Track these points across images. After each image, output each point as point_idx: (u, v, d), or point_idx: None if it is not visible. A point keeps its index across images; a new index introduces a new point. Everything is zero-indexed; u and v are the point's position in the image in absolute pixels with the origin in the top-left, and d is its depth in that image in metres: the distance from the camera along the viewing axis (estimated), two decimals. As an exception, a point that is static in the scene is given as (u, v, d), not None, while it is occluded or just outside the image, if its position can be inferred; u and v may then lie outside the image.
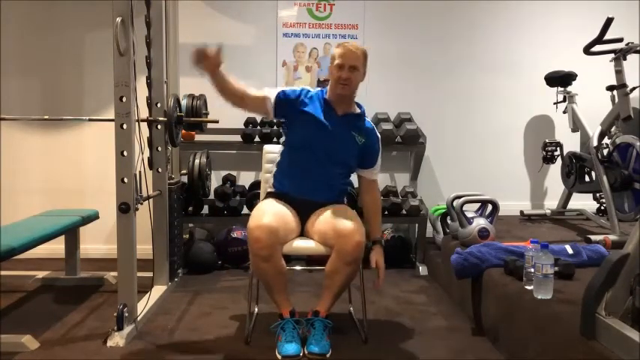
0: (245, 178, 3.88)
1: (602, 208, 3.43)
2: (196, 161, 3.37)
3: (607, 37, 3.01)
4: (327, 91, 2.48)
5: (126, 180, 2.33)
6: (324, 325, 2.25)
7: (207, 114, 3.27)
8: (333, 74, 2.41)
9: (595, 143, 3.20)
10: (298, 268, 3.14)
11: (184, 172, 3.41)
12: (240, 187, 3.70)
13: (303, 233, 2.44)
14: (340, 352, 2.24)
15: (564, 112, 3.72)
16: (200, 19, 3.78)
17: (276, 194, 2.48)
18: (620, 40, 3.06)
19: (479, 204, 2.98)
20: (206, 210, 3.64)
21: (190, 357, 2.23)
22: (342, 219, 2.29)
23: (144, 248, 2.68)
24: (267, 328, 2.35)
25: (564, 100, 3.71)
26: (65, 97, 3.76)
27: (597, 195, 3.55)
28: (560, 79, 3.72)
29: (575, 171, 3.49)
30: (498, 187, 3.63)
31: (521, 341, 2.07)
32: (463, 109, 4.04)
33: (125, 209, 2.32)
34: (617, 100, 3.15)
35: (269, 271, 2.23)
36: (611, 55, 3.12)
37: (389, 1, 3.95)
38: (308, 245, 2.37)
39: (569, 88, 3.71)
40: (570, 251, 2.49)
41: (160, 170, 2.95)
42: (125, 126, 2.32)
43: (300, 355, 2.16)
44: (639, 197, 2.94)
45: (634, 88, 3.11)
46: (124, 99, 2.30)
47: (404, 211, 3.60)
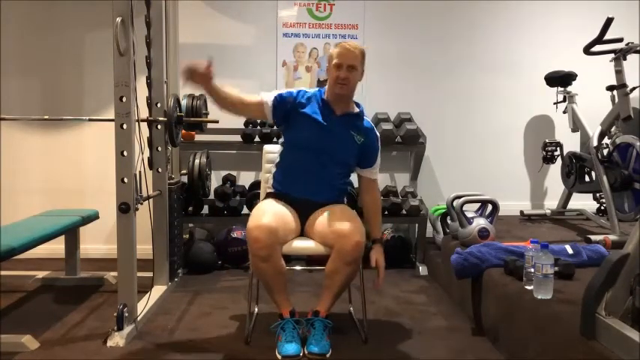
0: (245, 178, 3.88)
1: (602, 208, 3.43)
2: (196, 161, 3.37)
3: (607, 37, 3.01)
4: (325, 91, 2.48)
5: (126, 180, 2.33)
6: (324, 325, 2.25)
7: (207, 114, 3.26)
8: (331, 74, 2.41)
9: (595, 143, 3.20)
10: (298, 268, 3.13)
11: (184, 172, 3.40)
12: (240, 187, 3.70)
13: (302, 233, 2.44)
14: (340, 352, 2.24)
15: (564, 112, 3.72)
16: (200, 19, 3.79)
17: (275, 194, 2.47)
18: (620, 40, 3.06)
19: (479, 204, 2.98)
20: (206, 210, 3.65)
21: (190, 357, 2.23)
22: (342, 219, 2.30)
23: (144, 248, 2.68)
24: (267, 328, 2.35)
25: (564, 100, 3.71)
26: (65, 97, 3.76)
27: (597, 195, 3.55)
28: (560, 79, 3.72)
29: (575, 171, 3.48)
30: (498, 187, 3.63)
31: (521, 341, 2.07)
32: (463, 109, 4.04)
33: (125, 209, 2.32)
34: (617, 100, 3.15)
35: (268, 271, 2.23)
36: (611, 55, 3.12)
37: (389, 1, 3.94)
38: (308, 245, 2.37)
39: (569, 88, 3.70)
40: (570, 251, 2.49)
41: (160, 170, 2.95)
42: (125, 126, 2.32)
43: (300, 355, 2.16)
44: (639, 197, 2.94)
45: (634, 88, 3.11)
46: (124, 99, 2.30)
47: (404, 211, 3.60)
